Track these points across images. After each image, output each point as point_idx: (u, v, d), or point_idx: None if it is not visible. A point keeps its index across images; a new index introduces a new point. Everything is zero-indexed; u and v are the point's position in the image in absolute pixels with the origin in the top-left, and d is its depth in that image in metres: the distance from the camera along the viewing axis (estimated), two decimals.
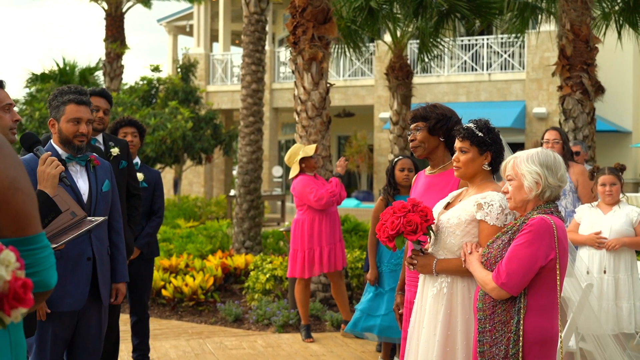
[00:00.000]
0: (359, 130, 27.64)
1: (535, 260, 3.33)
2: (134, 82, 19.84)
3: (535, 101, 22.93)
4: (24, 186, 1.92)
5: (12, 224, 1.90)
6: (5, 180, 1.88)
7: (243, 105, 12.55)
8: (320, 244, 7.43)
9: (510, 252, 3.37)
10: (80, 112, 4.17)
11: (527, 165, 3.47)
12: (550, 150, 3.57)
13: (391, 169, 6.50)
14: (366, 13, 11.75)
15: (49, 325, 4.08)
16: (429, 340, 3.76)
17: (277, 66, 28.07)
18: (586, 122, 9.37)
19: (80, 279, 4.13)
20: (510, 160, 3.55)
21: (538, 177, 3.45)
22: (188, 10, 30.28)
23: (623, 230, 6.07)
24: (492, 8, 12.24)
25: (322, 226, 7.43)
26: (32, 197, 1.94)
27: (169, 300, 8.96)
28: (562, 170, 3.50)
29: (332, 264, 7.50)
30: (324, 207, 7.35)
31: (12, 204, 1.89)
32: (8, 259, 1.68)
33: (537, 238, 3.34)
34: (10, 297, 1.68)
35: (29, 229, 1.92)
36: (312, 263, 7.46)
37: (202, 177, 28.87)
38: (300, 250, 7.49)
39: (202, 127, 19.36)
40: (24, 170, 1.95)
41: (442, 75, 24.23)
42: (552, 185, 3.46)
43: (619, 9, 11.36)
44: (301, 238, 7.48)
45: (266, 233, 13.12)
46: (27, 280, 1.71)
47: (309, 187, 7.35)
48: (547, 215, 3.41)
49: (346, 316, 7.72)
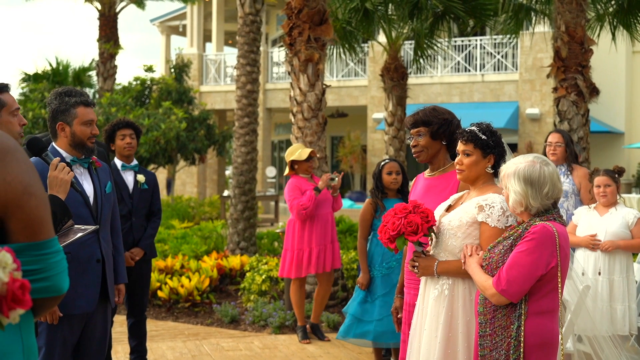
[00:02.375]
0: (352, 130, 27.67)
1: (536, 268, 3.34)
2: (127, 82, 19.81)
3: (528, 102, 22.99)
4: (38, 191, 1.93)
5: (25, 228, 1.90)
6: (19, 186, 1.88)
7: (238, 106, 12.55)
8: (310, 245, 7.45)
9: (511, 259, 3.37)
10: (90, 114, 4.21)
11: (512, 183, 3.45)
12: (539, 162, 3.48)
13: (378, 172, 6.49)
14: (361, 14, 11.77)
15: (59, 328, 4.07)
16: (430, 342, 3.77)
17: (271, 66, 28.07)
18: (581, 123, 9.40)
19: (91, 281, 4.15)
20: (502, 171, 3.54)
21: (521, 197, 3.43)
22: (181, 10, 30.24)
23: (619, 232, 6.09)
24: (487, 9, 12.27)
25: (313, 227, 7.45)
26: (45, 202, 1.95)
27: (165, 302, 8.95)
28: (549, 186, 3.44)
29: (320, 265, 7.51)
30: (296, 217, 7.40)
31: (25, 209, 1.89)
32: (5, 261, 1.69)
33: (539, 246, 3.34)
34: (9, 299, 1.69)
35: (42, 233, 1.92)
36: (300, 263, 7.48)
37: (195, 177, 28.84)
38: (290, 250, 7.53)
39: (196, 127, 19.34)
40: (37, 175, 1.96)
41: (435, 76, 24.27)
42: (534, 206, 3.44)
43: (613, 10, 11.40)
44: (292, 238, 7.53)
45: (261, 234, 13.12)
46: (25, 282, 1.72)
47: (290, 193, 7.44)
48: (549, 222, 3.41)
49: (315, 318, 7.79)
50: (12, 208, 1.88)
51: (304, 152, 7.50)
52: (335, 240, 7.64)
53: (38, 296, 1.88)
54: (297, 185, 7.43)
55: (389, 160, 6.58)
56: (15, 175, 1.88)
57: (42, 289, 1.90)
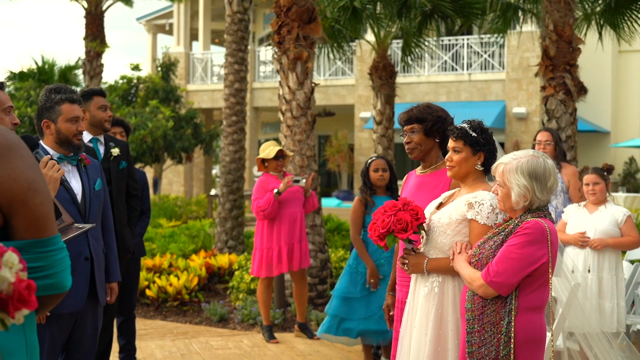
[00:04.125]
0: (339, 129, 27.66)
1: (527, 263, 3.34)
2: (114, 80, 19.74)
3: (515, 101, 23.07)
4: (42, 187, 1.91)
5: (30, 225, 1.88)
6: (25, 182, 1.86)
7: (226, 104, 12.51)
8: (278, 244, 7.42)
9: (502, 252, 3.38)
10: (76, 110, 4.17)
11: (516, 177, 3.43)
12: (541, 156, 3.51)
13: (366, 170, 6.51)
14: (350, 13, 11.76)
15: (47, 327, 4.01)
16: (420, 340, 3.76)
17: (257, 65, 28.03)
18: (569, 122, 9.43)
19: (80, 279, 4.09)
20: (500, 166, 3.51)
21: (526, 190, 3.42)
22: (168, 8, 30.15)
23: (608, 230, 6.11)
24: (475, 8, 12.29)
25: (280, 226, 7.42)
26: (49, 198, 1.92)
27: (153, 300, 8.92)
28: (552, 180, 3.47)
29: (290, 263, 7.48)
30: (257, 217, 7.45)
31: (30, 205, 1.87)
32: (11, 261, 1.66)
33: (531, 241, 3.35)
34: (15, 299, 1.66)
35: (46, 230, 1.90)
36: (270, 262, 7.45)
37: (182, 176, 28.78)
38: (259, 250, 7.51)
39: (183, 126, 19.29)
40: (40, 171, 1.94)
41: (422, 75, 24.31)
42: (540, 199, 3.45)
43: (600, 10, 11.44)
44: (261, 237, 7.52)
45: (249, 232, 13.09)
46: (31, 282, 1.69)
47: (255, 193, 7.45)
48: (540, 219, 3.42)
49: (300, 318, 7.75)
50: (17, 205, 1.86)
51: (273, 150, 7.49)
52: (304, 240, 7.57)
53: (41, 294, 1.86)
54: (264, 184, 7.42)
55: (375, 157, 6.58)
56: (20, 171, 1.86)
57: (45, 286, 1.88)
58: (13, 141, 1.90)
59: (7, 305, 1.64)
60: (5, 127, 1.95)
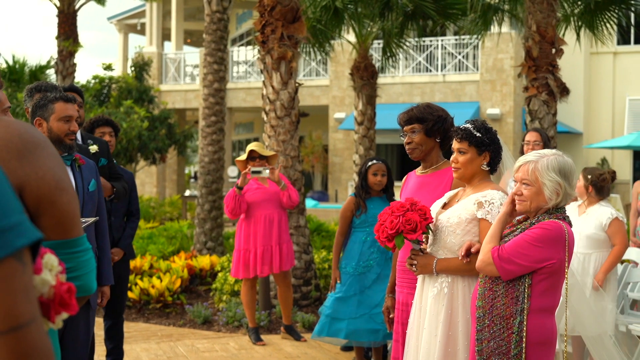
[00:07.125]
0: (313, 130, 27.60)
1: (538, 259, 3.30)
2: (86, 80, 19.51)
3: (489, 102, 23.18)
4: (68, 186, 1.83)
5: (57, 225, 1.80)
6: (52, 180, 1.79)
7: (205, 104, 12.40)
8: (255, 246, 7.35)
9: (519, 239, 3.34)
10: (69, 110, 4.08)
11: (549, 174, 3.40)
12: (563, 154, 3.51)
13: (364, 172, 6.39)
14: (332, 13, 11.71)
15: None
16: (430, 341, 3.72)
17: (231, 65, 27.88)
18: (551, 123, 9.47)
19: None
20: (530, 165, 3.44)
21: (559, 187, 3.40)
22: (140, 8, 29.89)
23: (592, 235, 6.09)
24: (456, 9, 12.29)
25: (256, 228, 7.34)
26: (75, 197, 1.85)
27: (135, 303, 8.79)
28: (575, 176, 3.50)
29: (267, 266, 7.38)
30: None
31: (58, 204, 1.80)
32: (51, 263, 1.59)
33: (548, 240, 3.32)
34: (56, 303, 1.58)
35: (72, 231, 1.83)
36: (247, 264, 7.38)
37: (155, 177, 28.53)
38: (237, 251, 7.45)
39: (157, 126, 19.11)
40: (66, 170, 1.86)
41: (397, 75, 24.33)
42: (569, 195, 3.45)
43: (579, 11, 11.51)
44: (239, 238, 7.45)
45: (228, 233, 12.99)
46: (71, 285, 1.62)
47: (228, 193, 7.41)
48: (559, 220, 3.39)
49: (286, 320, 7.68)
50: (45, 204, 1.78)
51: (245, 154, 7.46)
52: (285, 242, 7.43)
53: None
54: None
55: (376, 161, 6.41)
56: (47, 169, 1.78)
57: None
58: (39, 138, 1.83)
59: (48, 309, 1.56)
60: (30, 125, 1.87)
